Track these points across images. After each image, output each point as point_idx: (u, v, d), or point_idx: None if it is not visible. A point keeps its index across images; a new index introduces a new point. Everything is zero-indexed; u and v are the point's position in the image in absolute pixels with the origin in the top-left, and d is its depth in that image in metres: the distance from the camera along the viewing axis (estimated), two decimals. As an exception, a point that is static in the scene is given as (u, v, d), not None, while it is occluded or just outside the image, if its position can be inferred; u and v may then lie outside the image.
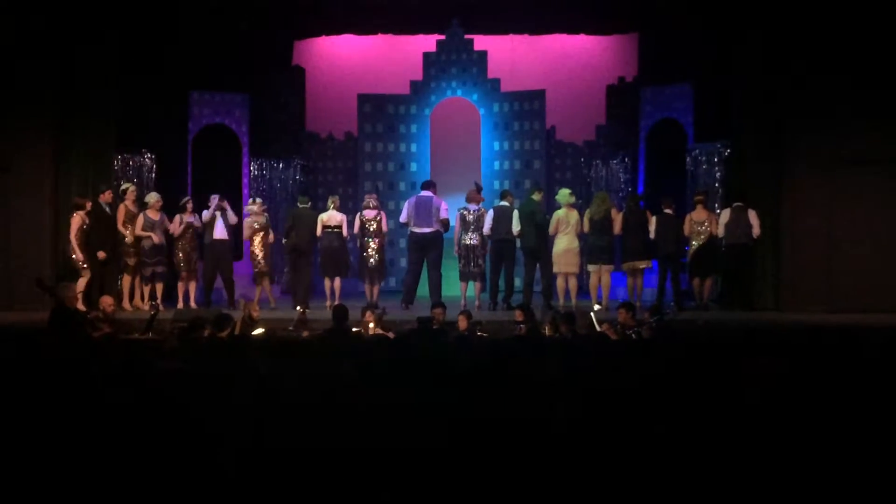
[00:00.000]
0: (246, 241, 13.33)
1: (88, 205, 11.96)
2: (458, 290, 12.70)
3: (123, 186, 12.66)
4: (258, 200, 13.29)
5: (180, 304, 12.57)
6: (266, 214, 13.11)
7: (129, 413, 4.34)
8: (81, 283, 11.61)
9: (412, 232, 12.66)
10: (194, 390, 4.88)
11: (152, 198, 12.61)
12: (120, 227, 12.30)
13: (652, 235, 12.45)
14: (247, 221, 13.01)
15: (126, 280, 12.44)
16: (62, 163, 12.64)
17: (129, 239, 12.32)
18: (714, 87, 13.65)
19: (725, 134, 13.38)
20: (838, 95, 12.16)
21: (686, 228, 12.43)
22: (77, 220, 11.81)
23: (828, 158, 12.32)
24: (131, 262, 12.36)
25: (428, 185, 12.88)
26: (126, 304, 12.25)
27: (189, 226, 12.70)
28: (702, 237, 12.36)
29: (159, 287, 12.55)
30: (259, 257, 12.87)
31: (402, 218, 12.81)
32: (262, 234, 12.88)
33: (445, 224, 12.62)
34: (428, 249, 12.56)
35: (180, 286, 12.73)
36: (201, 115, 15.15)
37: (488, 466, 3.81)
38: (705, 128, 14.20)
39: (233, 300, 12.61)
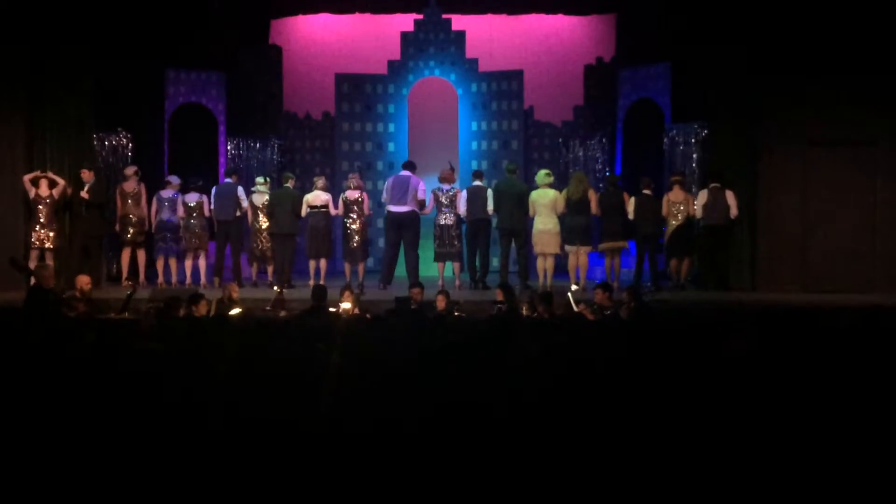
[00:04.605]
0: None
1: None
2: (437, 270, 12.72)
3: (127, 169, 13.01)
4: (268, 180, 13.31)
5: (188, 281, 12.83)
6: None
7: (104, 392, 4.33)
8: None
9: (389, 211, 12.68)
10: (171, 369, 4.88)
11: (173, 179, 13.03)
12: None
13: (630, 216, 12.48)
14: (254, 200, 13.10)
15: (125, 254, 12.73)
16: (37, 142, 12.53)
17: (133, 217, 12.69)
18: (691, 68, 13.68)
19: (703, 114, 13.43)
20: (812, 77, 12.24)
21: (664, 209, 12.47)
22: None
23: (802, 139, 12.42)
24: (130, 237, 12.69)
25: (409, 166, 12.89)
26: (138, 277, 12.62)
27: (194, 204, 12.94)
28: (679, 218, 12.41)
29: (172, 263, 12.93)
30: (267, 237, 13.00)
31: (384, 198, 12.83)
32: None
33: (422, 204, 12.64)
34: (404, 229, 12.56)
35: (187, 264, 12.95)
36: (177, 93, 15.05)
37: (464, 446, 3.83)
38: (683, 108, 14.23)
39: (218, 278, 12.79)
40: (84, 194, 12.24)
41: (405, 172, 12.75)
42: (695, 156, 13.86)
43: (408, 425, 3.97)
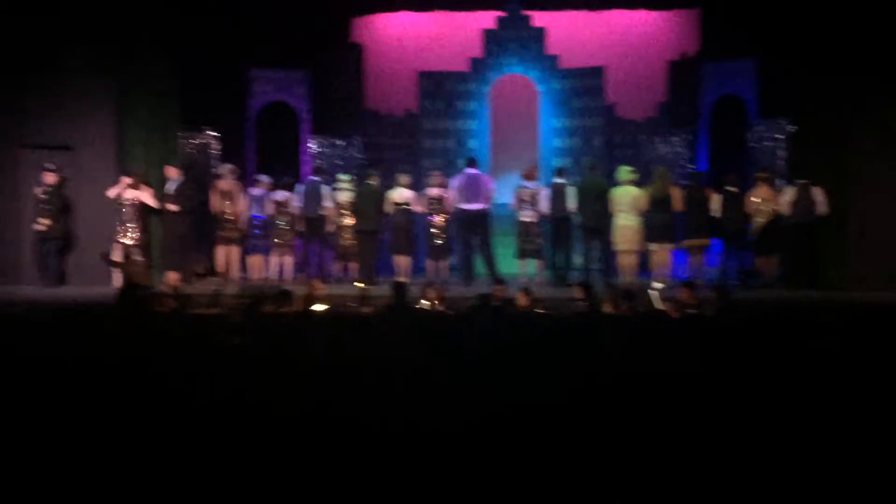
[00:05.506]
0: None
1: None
2: (519, 267, 12.71)
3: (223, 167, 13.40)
4: (351, 177, 13.45)
5: (275, 277, 13.02)
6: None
7: (191, 387, 4.41)
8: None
9: (461, 209, 12.69)
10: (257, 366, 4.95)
11: (263, 178, 13.39)
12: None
13: (717, 213, 12.32)
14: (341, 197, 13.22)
15: (220, 251, 13.05)
16: (125, 141, 12.83)
17: (229, 214, 13.04)
18: (777, 63, 13.42)
19: (789, 110, 13.17)
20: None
21: (749, 206, 12.27)
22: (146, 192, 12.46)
23: (893, 136, 12.08)
24: (225, 234, 13.04)
25: (474, 164, 12.92)
26: (230, 273, 12.98)
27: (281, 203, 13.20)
28: (765, 215, 12.20)
29: (260, 259, 13.24)
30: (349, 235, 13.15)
31: (453, 197, 12.79)
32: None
33: (490, 201, 12.72)
34: (476, 226, 12.60)
35: (273, 260, 13.18)
36: (262, 92, 15.31)
37: (546, 446, 3.83)
38: (769, 104, 14.00)
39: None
40: (173, 206, 12.53)
41: (473, 170, 12.78)
42: (781, 152, 13.61)
43: (491, 423, 3.97)
